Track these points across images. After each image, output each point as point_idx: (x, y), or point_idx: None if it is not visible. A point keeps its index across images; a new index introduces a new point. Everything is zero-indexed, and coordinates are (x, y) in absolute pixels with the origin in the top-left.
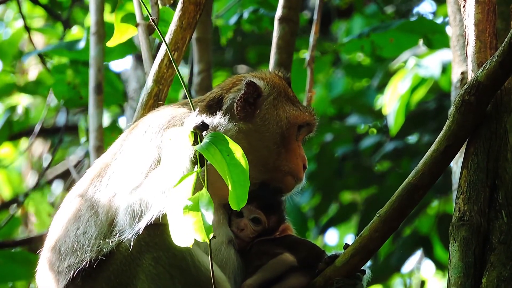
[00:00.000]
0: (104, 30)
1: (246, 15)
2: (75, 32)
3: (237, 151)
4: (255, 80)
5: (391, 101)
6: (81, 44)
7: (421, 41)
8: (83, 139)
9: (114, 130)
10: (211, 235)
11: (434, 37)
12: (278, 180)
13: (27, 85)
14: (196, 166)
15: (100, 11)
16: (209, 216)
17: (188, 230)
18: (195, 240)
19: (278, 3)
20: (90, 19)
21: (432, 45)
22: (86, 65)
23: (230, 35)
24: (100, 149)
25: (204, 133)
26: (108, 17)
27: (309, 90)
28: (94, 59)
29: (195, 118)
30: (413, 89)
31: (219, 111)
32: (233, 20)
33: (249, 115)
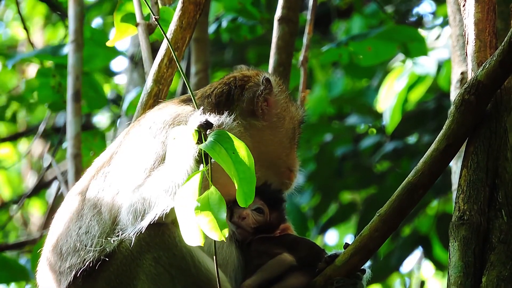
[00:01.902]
0: (83, 39)
1: (224, 23)
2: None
3: (242, 149)
4: (269, 76)
5: (387, 99)
6: (65, 50)
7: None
8: (64, 145)
9: (96, 135)
10: (226, 233)
11: (413, 45)
12: (286, 176)
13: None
14: (202, 164)
15: (79, 20)
16: (222, 215)
17: (198, 230)
18: (218, 240)
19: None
20: (69, 27)
21: (409, 53)
22: None
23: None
24: (78, 157)
25: (208, 132)
26: (88, 24)
27: (303, 90)
28: (73, 67)
29: (199, 116)
30: (410, 87)
31: (227, 109)
32: (212, 29)
33: (264, 112)
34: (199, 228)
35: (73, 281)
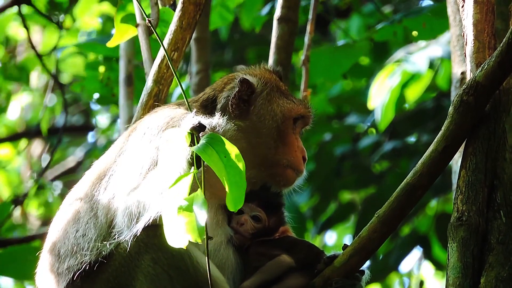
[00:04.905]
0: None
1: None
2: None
3: (234, 152)
4: (247, 77)
5: (378, 96)
6: None
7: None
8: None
9: None
10: (203, 236)
11: None
12: (279, 174)
13: (11, 71)
14: (193, 167)
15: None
16: (203, 217)
17: (181, 231)
18: (192, 241)
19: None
20: None
21: None
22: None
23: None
24: None
25: (201, 134)
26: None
27: (304, 89)
28: (124, 51)
29: (192, 119)
30: (404, 85)
31: (215, 111)
32: (265, 10)
33: (244, 113)
34: (187, 228)
35: (71, 283)
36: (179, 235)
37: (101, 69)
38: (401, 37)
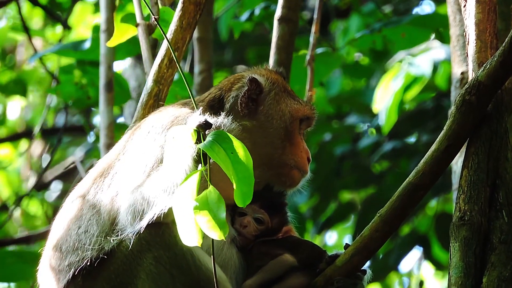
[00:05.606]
0: (114, 28)
1: (257, 11)
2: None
3: (241, 149)
4: (256, 76)
5: (382, 99)
6: (87, 44)
7: (432, 36)
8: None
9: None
10: (226, 232)
11: (446, 31)
12: (285, 175)
13: (7, 85)
14: (200, 164)
15: (110, 9)
16: (222, 213)
17: (196, 230)
18: (218, 239)
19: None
20: (101, 17)
21: (443, 39)
22: (93, 65)
23: (244, 27)
24: (110, 147)
25: (207, 132)
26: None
27: (310, 89)
28: (104, 57)
29: (198, 116)
30: (406, 87)
31: (221, 111)
32: (244, 16)
33: (252, 112)
34: (197, 228)
35: (72, 280)
36: (193, 233)
37: (77, 73)
38: (380, 46)
